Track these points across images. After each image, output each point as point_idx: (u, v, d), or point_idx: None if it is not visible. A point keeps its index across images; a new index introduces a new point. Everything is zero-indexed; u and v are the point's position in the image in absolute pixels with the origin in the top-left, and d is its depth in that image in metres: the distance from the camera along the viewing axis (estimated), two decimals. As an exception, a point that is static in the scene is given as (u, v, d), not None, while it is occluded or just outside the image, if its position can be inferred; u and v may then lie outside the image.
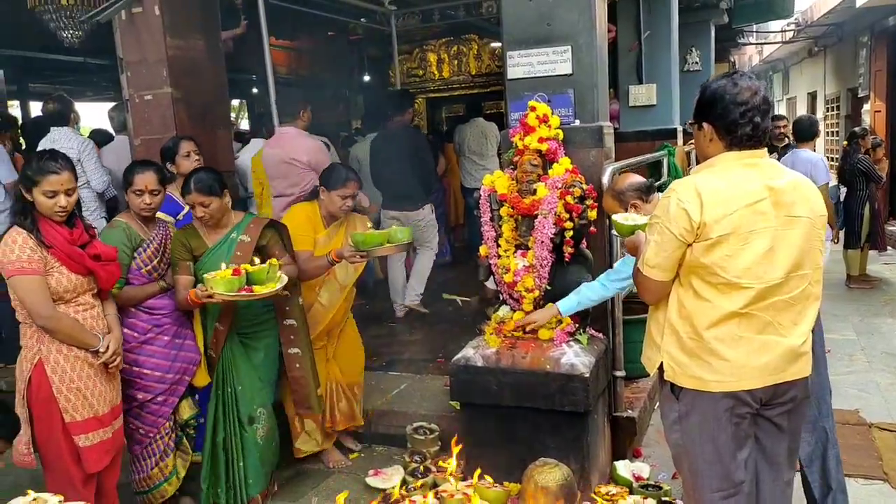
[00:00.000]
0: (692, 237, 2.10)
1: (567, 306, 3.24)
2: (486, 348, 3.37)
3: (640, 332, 2.46)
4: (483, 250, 3.55)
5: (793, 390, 2.20)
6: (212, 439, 3.42)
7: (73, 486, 2.89)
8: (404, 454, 3.88)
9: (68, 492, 2.71)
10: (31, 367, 2.87)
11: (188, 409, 3.51)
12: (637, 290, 2.37)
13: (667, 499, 3.23)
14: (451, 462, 3.50)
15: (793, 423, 2.28)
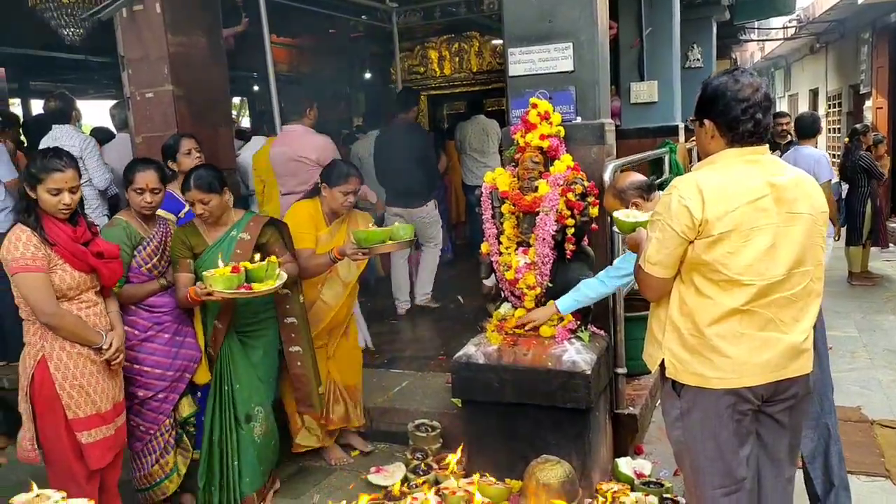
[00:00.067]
0: (694, 234, 2.10)
1: (566, 304, 3.24)
2: (488, 345, 3.37)
3: (642, 330, 2.46)
4: (484, 247, 3.55)
5: (794, 387, 2.20)
6: (208, 437, 3.42)
7: (76, 482, 2.90)
8: (406, 451, 3.88)
9: (71, 488, 2.71)
10: (34, 363, 2.88)
11: (188, 407, 3.51)
12: (638, 287, 2.37)
13: (668, 496, 3.24)
14: (452, 459, 3.52)
15: (794, 419, 2.28)
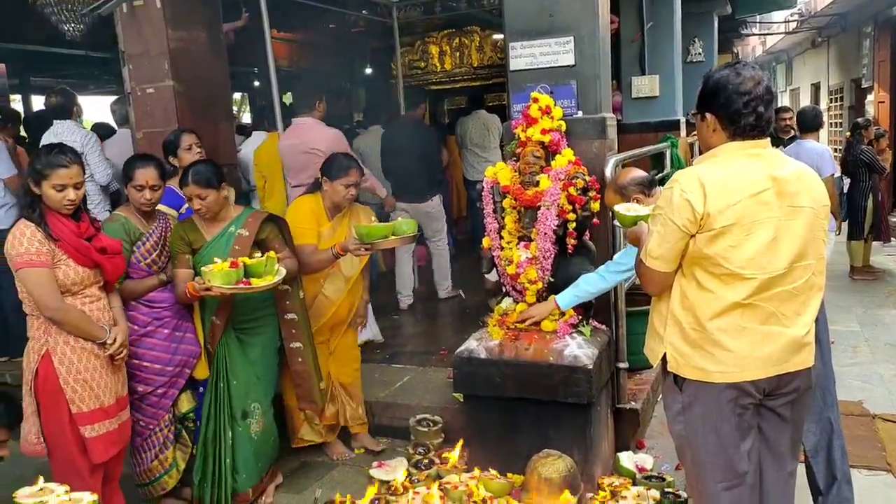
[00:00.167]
0: (695, 228, 2.09)
1: (565, 300, 3.24)
2: (490, 340, 3.37)
3: (643, 324, 2.46)
4: (486, 242, 3.55)
5: (796, 381, 2.20)
6: (204, 433, 3.42)
7: (79, 475, 2.91)
8: (408, 446, 3.88)
9: (75, 481, 2.72)
10: (38, 358, 2.89)
11: (187, 402, 3.52)
12: (640, 282, 2.37)
13: (670, 490, 3.24)
14: (453, 454, 3.52)
15: (796, 413, 2.28)
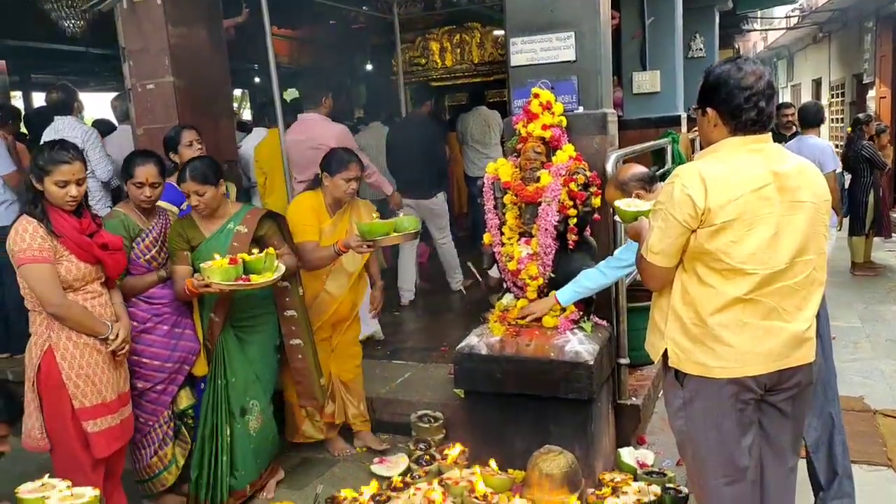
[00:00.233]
0: (696, 223, 2.09)
1: (565, 296, 3.24)
2: (490, 336, 3.37)
3: (644, 320, 2.45)
4: (487, 238, 3.55)
5: (797, 376, 2.20)
6: (201, 430, 3.43)
7: (82, 471, 2.92)
8: (409, 442, 3.89)
9: (77, 477, 2.73)
10: (40, 353, 2.90)
11: (186, 399, 3.53)
12: (641, 277, 2.37)
13: (671, 486, 3.24)
14: (454, 450, 3.52)
15: (797, 408, 2.28)
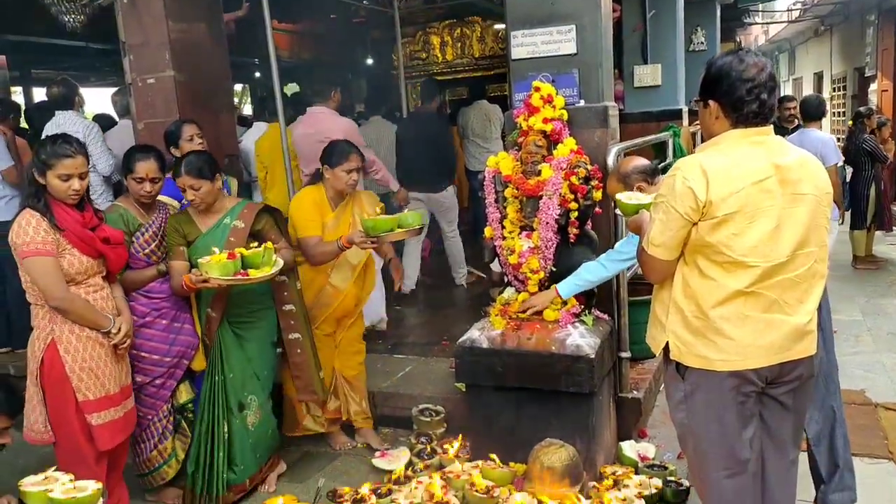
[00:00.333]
0: (698, 216, 2.08)
1: (566, 288, 3.23)
2: (492, 330, 3.37)
3: (646, 314, 2.45)
4: (488, 232, 3.54)
5: (799, 369, 2.20)
6: (199, 426, 3.43)
7: (85, 463, 2.93)
8: (410, 436, 3.90)
9: (81, 470, 2.75)
10: (43, 347, 2.91)
11: (186, 393, 3.54)
12: (641, 270, 2.36)
13: (672, 479, 3.25)
14: (455, 443, 3.53)
15: (798, 401, 2.28)
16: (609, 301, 3.57)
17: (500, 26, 9.10)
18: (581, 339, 3.20)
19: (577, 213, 3.28)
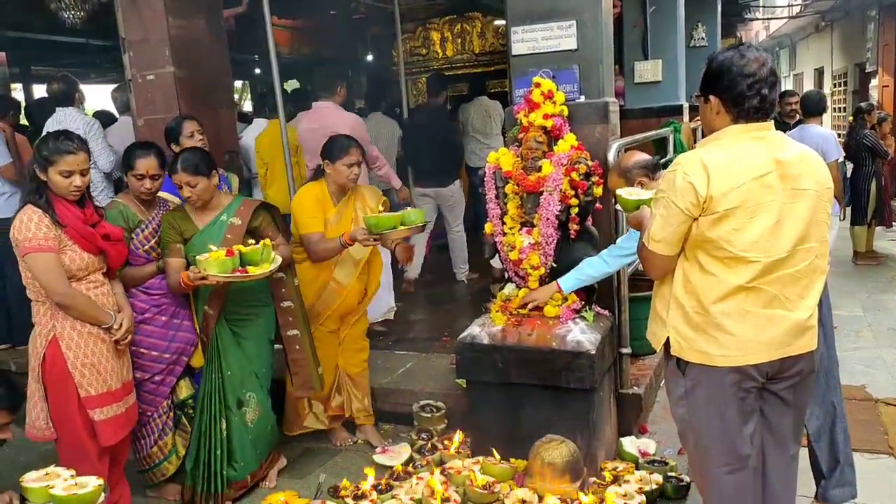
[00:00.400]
0: (698, 211, 2.08)
1: (568, 283, 3.23)
2: (492, 326, 3.37)
3: (646, 310, 2.45)
4: (488, 228, 3.54)
5: (799, 364, 2.20)
6: (198, 423, 3.43)
7: (88, 459, 2.94)
8: (411, 432, 3.90)
9: (83, 466, 2.76)
10: (45, 343, 2.91)
11: (186, 389, 3.54)
12: (642, 266, 2.36)
13: (673, 474, 3.25)
14: (456, 439, 3.53)
15: (799, 397, 2.28)
16: (610, 297, 3.57)
17: (500, 22, 9.08)
18: (582, 335, 3.20)
19: (577, 209, 3.28)
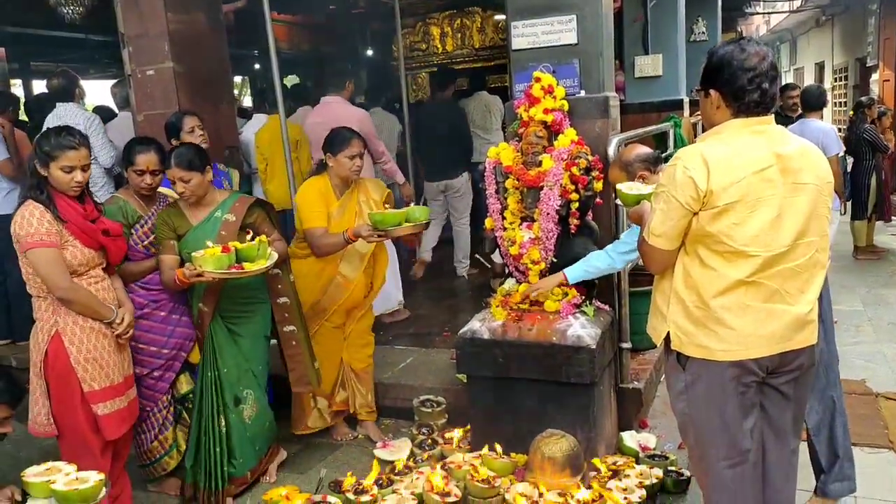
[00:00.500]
0: (698, 205, 2.08)
1: (574, 274, 3.21)
2: (493, 321, 3.37)
3: (646, 304, 2.45)
4: (488, 223, 3.54)
5: (800, 358, 2.20)
6: (196, 420, 3.43)
7: (91, 454, 2.94)
8: (412, 427, 3.91)
9: (86, 461, 2.76)
10: (47, 338, 2.91)
11: (186, 384, 3.55)
12: (642, 260, 2.36)
13: (673, 469, 3.26)
14: (457, 434, 3.54)
15: (799, 391, 2.28)
16: (610, 292, 3.57)
17: (500, 17, 9.05)
18: (582, 329, 3.20)
19: (577, 204, 3.28)
